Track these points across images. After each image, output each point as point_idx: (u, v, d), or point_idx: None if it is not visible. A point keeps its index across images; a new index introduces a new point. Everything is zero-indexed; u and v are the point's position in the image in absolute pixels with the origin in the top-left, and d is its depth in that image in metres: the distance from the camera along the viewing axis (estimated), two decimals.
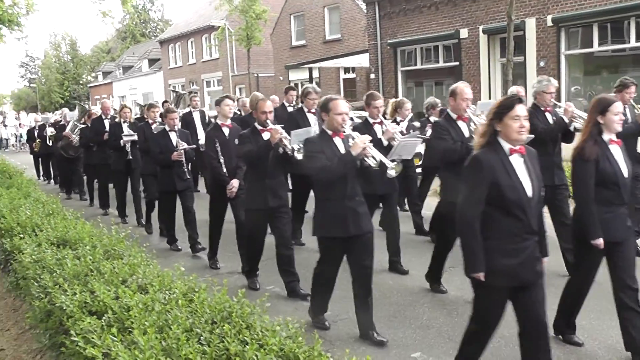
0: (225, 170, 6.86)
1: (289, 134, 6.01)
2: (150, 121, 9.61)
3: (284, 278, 6.17)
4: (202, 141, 9.38)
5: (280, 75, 30.78)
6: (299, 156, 5.57)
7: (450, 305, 5.72)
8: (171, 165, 8.01)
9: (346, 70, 26.87)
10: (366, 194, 5.12)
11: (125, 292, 3.82)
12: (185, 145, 8.09)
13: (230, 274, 7.03)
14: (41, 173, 17.96)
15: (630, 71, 15.10)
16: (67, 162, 13.79)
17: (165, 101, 14.34)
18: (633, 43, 14.57)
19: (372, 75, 21.54)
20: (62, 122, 14.66)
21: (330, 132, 4.86)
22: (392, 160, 4.99)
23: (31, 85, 71.72)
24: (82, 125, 12.54)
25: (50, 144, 15.24)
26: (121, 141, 9.95)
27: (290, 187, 8.16)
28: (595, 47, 15.43)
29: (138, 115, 14.26)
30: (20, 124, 32.80)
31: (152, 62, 48.57)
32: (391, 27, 20.57)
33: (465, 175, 3.78)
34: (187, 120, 11.96)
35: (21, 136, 30.92)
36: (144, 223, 9.94)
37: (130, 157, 10.06)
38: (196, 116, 12.57)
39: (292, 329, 3.28)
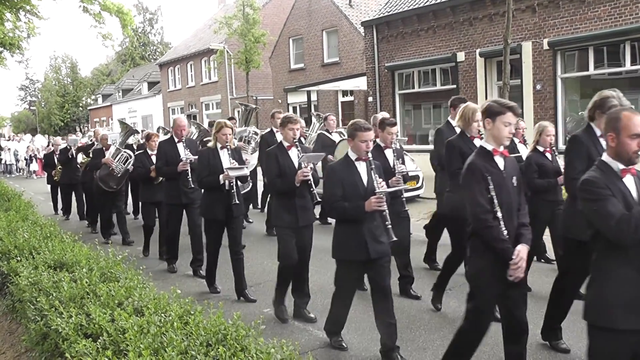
0: (506, 231, 3.81)
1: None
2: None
3: None
4: None
5: (279, 98, 30.97)
6: None
7: (447, 328, 5.68)
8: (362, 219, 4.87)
9: (344, 93, 27.03)
10: None
11: (121, 315, 3.83)
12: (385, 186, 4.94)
13: (227, 297, 6.98)
14: (59, 207, 14.66)
15: (626, 94, 15.20)
16: (107, 196, 10.96)
17: (231, 117, 12.08)
18: (628, 66, 14.71)
19: (370, 99, 21.68)
20: (99, 146, 11.47)
21: None
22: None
23: (31, 107, 72.03)
24: (136, 152, 10.26)
25: (80, 171, 12.83)
26: (221, 177, 6.81)
27: None
28: (592, 71, 15.54)
29: (196, 135, 11.61)
30: (28, 147, 31.30)
31: (151, 84, 48.97)
32: (389, 50, 20.77)
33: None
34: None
35: (31, 160, 29.75)
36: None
37: (237, 202, 6.89)
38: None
39: (286, 351, 3.28)
